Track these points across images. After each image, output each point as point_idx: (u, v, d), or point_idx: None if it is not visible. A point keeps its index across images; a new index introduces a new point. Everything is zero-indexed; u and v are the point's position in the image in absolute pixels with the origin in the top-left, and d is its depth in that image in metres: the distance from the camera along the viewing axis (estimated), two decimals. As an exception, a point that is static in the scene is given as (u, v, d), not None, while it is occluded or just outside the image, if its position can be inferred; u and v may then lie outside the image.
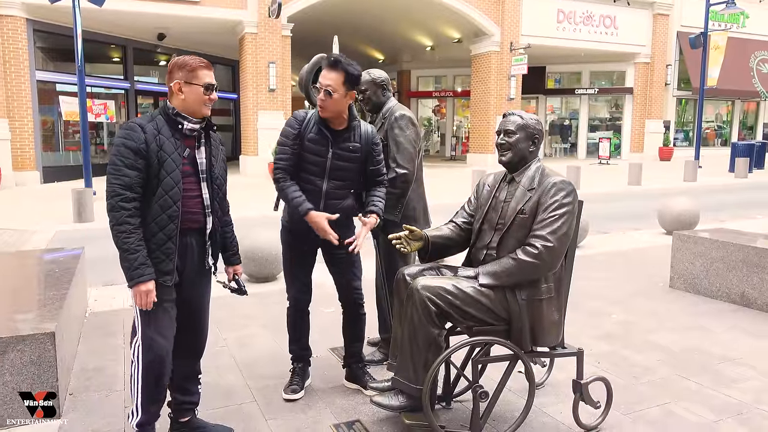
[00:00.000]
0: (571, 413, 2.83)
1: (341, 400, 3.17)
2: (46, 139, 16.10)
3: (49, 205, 11.43)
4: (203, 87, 2.48)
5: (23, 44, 14.56)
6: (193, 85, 2.47)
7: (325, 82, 2.92)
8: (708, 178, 17.05)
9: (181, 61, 2.48)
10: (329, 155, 2.99)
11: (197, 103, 2.49)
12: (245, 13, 16.72)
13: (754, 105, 28.71)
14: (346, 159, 3.03)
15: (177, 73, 2.47)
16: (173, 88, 2.47)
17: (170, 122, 2.48)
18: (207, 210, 2.59)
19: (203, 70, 2.48)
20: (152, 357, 2.49)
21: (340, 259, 3.16)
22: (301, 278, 3.22)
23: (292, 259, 3.22)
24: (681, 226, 7.59)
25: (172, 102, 2.51)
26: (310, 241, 3.12)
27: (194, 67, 2.46)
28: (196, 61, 2.48)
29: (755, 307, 4.71)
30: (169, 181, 2.42)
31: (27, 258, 5.01)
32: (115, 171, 2.37)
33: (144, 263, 2.37)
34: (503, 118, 2.89)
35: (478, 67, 21.40)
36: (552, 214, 2.63)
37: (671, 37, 24.06)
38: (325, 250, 3.19)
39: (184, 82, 2.46)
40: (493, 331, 2.65)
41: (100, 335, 4.17)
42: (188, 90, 2.47)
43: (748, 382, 3.37)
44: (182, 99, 2.48)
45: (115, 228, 2.38)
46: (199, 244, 2.61)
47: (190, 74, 2.46)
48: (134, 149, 2.37)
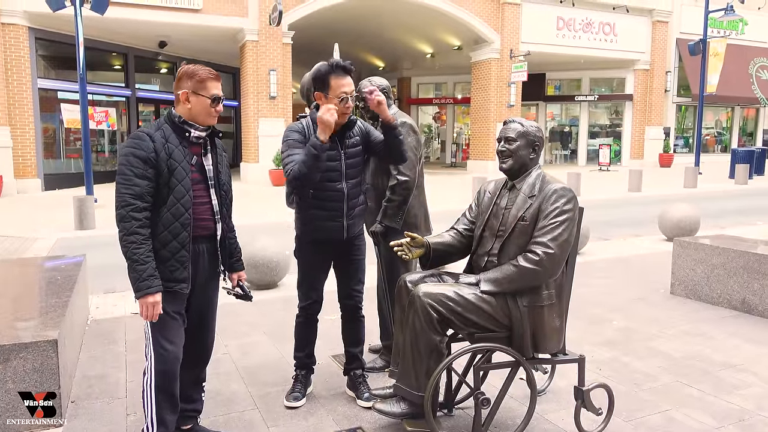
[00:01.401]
0: (572, 420, 2.83)
1: (343, 408, 3.17)
2: (47, 147, 16.14)
3: (50, 212, 11.45)
4: (210, 99, 2.49)
5: (25, 52, 14.63)
6: (200, 96, 2.48)
7: (349, 89, 2.94)
8: (708, 184, 17.06)
9: (191, 71, 2.48)
10: (342, 157, 3.02)
11: (203, 114, 2.51)
12: (246, 21, 16.79)
13: (753, 111, 28.75)
14: (354, 155, 3.07)
15: (186, 82, 2.48)
16: (180, 96, 2.48)
17: (177, 130, 2.49)
18: (216, 216, 2.61)
19: (212, 81, 2.49)
20: (166, 367, 2.48)
21: (350, 260, 3.21)
22: (317, 287, 3.24)
23: (308, 270, 3.22)
24: (681, 232, 7.60)
25: (178, 110, 2.51)
26: (330, 250, 3.15)
27: (203, 78, 2.47)
28: (205, 72, 2.49)
29: (756, 314, 4.71)
30: (181, 189, 2.43)
31: (29, 265, 5.01)
32: (125, 181, 2.36)
33: (152, 275, 2.37)
34: (504, 125, 2.91)
35: (478, 74, 21.46)
36: (553, 221, 2.64)
37: (670, 44, 24.13)
38: (338, 255, 3.20)
39: (192, 91, 2.47)
40: (495, 337, 2.66)
41: (101, 343, 4.18)
42: (195, 100, 2.48)
43: (749, 389, 3.37)
44: (188, 108, 2.49)
45: (124, 238, 2.36)
46: (209, 250, 2.63)
47: (198, 85, 2.47)
48: (143, 158, 2.37)
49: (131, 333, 4.37)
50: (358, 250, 3.22)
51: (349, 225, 3.08)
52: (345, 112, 2.96)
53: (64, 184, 15.92)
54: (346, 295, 3.26)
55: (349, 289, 3.24)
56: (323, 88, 2.95)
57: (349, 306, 3.27)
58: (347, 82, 2.93)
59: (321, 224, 3.06)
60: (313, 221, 3.07)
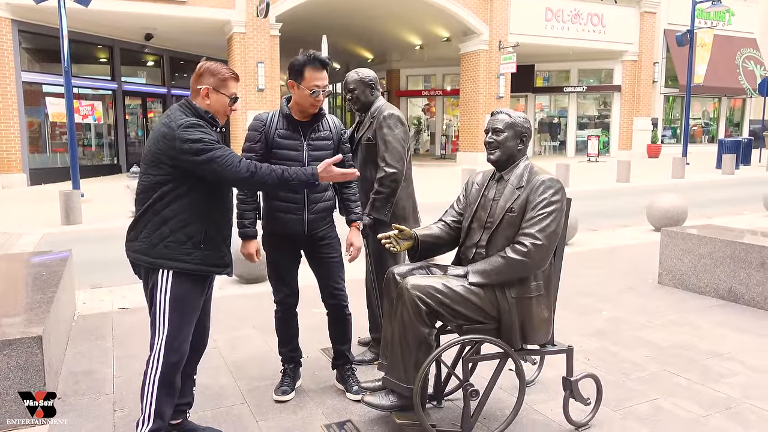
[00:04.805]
0: (561, 410, 2.84)
1: (332, 401, 3.16)
2: (32, 141, 15.94)
3: (36, 207, 11.33)
4: (230, 98, 2.56)
5: (8, 45, 14.42)
6: (221, 94, 2.55)
7: (323, 83, 2.95)
8: (695, 174, 17.19)
9: (214, 68, 2.55)
10: (304, 147, 3.00)
11: (220, 112, 2.58)
12: (233, 13, 16.64)
13: (740, 102, 28.98)
14: (321, 148, 3.05)
15: (208, 79, 2.54)
16: (201, 91, 2.53)
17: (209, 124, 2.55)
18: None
19: (233, 81, 2.58)
20: (177, 358, 2.48)
21: (324, 261, 3.17)
22: (287, 281, 3.20)
23: (276, 263, 3.20)
24: (669, 222, 7.64)
25: (198, 102, 2.56)
26: (293, 244, 3.12)
27: (225, 78, 2.55)
28: (228, 72, 2.57)
29: (742, 302, 4.75)
30: None
31: (14, 261, 4.96)
32: (221, 154, 2.41)
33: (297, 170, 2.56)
34: (491, 116, 2.90)
35: (467, 65, 21.44)
36: (541, 212, 2.63)
37: (658, 34, 24.23)
38: (308, 252, 3.19)
39: (213, 89, 2.53)
40: (483, 329, 2.66)
41: (88, 338, 4.14)
42: (215, 98, 2.55)
43: (736, 377, 3.40)
44: (207, 104, 2.55)
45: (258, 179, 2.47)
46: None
47: (220, 83, 2.54)
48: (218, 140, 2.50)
49: (118, 328, 4.34)
50: (331, 249, 3.16)
51: (310, 220, 3.05)
52: (314, 105, 2.97)
53: (49, 178, 15.75)
54: (328, 295, 3.23)
55: (330, 289, 3.21)
56: (297, 78, 2.95)
57: (333, 305, 3.24)
58: (322, 76, 2.94)
59: (280, 216, 3.05)
60: (273, 213, 3.07)
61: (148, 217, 2.46)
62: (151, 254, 2.45)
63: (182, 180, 2.44)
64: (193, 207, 2.46)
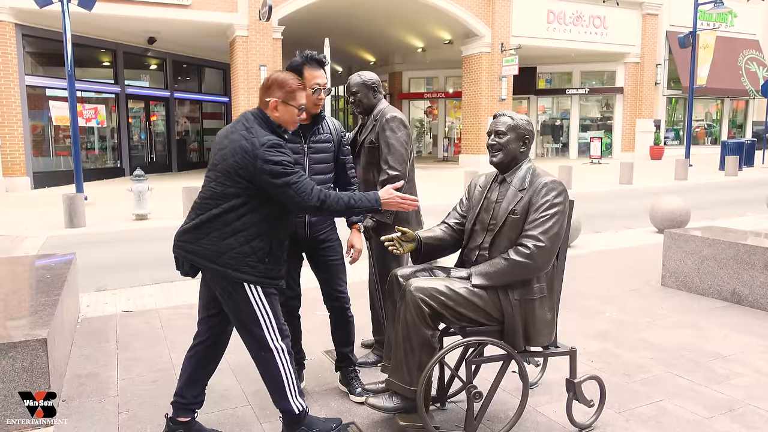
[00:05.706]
0: (564, 412, 2.84)
1: (335, 403, 3.17)
2: (36, 145, 16.01)
3: (40, 210, 11.37)
4: (298, 108, 2.59)
5: (12, 49, 14.48)
6: (289, 106, 2.57)
7: (322, 81, 2.97)
8: (698, 176, 17.16)
9: (282, 80, 2.57)
10: (305, 150, 3.01)
11: (289, 123, 2.61)
12: (236, 16, 16.69)
13: (743, 103, 28.93)
14: (322, 150, 3.06)
15: (276, 92, 2.55)
16: (270, 104, 2.55)
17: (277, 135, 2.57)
18: None
19: (300, 92, 2.59)
20: (288, 339, 2.62)
21: (326, 264, 3.18)
22: (290, 283, 3.20)
23: None
24: (672, 224, 7.64)
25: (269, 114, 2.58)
26: (295, 246, 3.13)
27: (293, 89, 2.56)
28: (296, 83, 2.58)
29: (746, 304, 4.75)
30: None
31: (18, 264, 4.97)
32: (297, 180, 2.44)
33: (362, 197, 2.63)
34: (494, 118, 2.90)
35: (469, 68, 21.46)
36: (543, 214, 2.64)
37: (660, 36, 24.21)
38: (310, 255, 3.20)
39: (282, 101, 2.55)
40: (487, 331, 2.66)
41: (93, 341, 4.15)
42: (284, 109, 2.57)
43: (739, 379, 3.40)
44: (276, 116, 2.57)
45: (326, 208, 2.51)
46: None
47: (289, 95, 2.56)
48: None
49: (122, 331, 4.35)
50: (332, 252, 3.17)
51: (312, 222, 3.06)
52: (317, 104, 2.99)
53: (53, 182, 15.81)
54: (331, 298, 3.23)
55: (332, 292, 3.21)
56: None
57: (336, 308, 3.25)
58: (320, 74, 2.96)
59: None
60: None
61: (215, 225, 2.47)
62: (216, 262, 2.48)
63: (255, 195, 2.46)
64: (263, 222, 2.49)
